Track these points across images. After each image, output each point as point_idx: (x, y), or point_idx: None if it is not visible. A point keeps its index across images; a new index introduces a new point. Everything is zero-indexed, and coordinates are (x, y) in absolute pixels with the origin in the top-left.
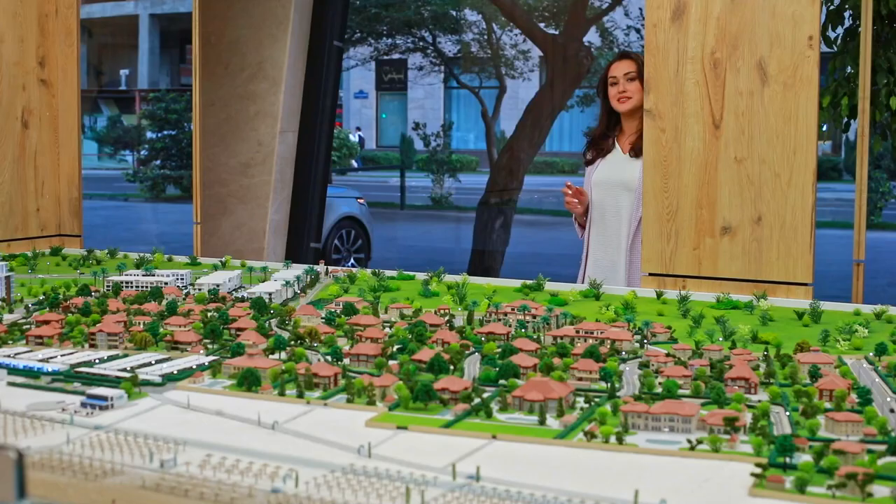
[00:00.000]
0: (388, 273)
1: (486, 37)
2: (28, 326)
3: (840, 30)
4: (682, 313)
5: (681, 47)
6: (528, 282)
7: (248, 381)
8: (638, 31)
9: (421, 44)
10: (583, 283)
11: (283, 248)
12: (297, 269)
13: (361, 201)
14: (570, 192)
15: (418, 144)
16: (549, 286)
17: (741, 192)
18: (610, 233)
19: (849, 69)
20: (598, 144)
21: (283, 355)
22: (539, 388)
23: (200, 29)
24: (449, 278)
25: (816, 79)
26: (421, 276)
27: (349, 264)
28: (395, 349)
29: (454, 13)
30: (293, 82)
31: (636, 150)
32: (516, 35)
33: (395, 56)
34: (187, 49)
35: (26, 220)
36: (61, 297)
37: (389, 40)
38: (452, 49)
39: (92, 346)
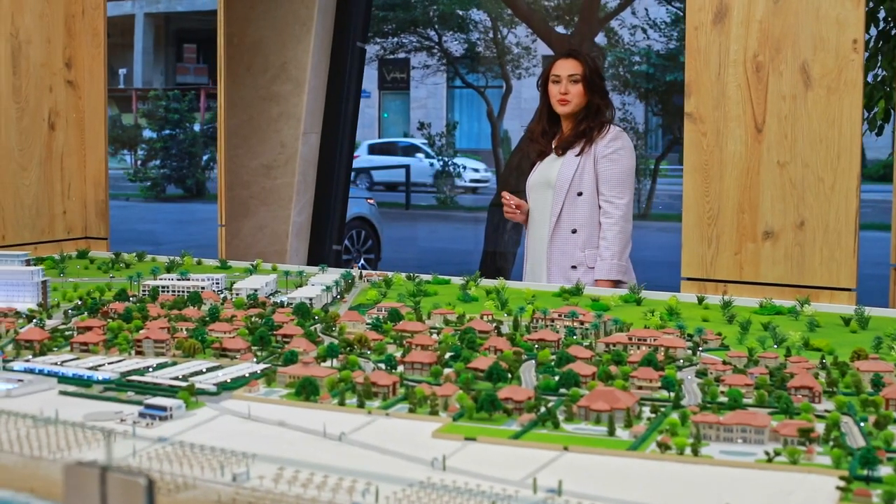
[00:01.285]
0: (424, 277)
1: (491, 36)
2: (70, 333)
3: (874, 31)
4: (727, 319)
5: (722, 50)
6: (567, 287)
7: (307, 391)
8: (644, 30)
9: (427, 43)
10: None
11: (305, 250)
12: (334, 274)
13: (371, 202)
14: (509, 204)
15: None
16: (589, 291)
17: (784, 196)
18: (540, 233)
19: (882, 72)
20: (541, 144)
21: (335, 363)
22: (605, 397)
23: (233, 28)
24: (485, 282)
25: (860, 83)
26: (457, 280)
27: (360, 265)
28: (447, 357)
29: (460, 13)
30: (316, 83)
31: (560, 148)
32: (521, 34)
33: (399, 55)
34: (185, 48)
35: (52, 222)
36: (99, 302)
37: (395, 39)
38: (458, 49)
39: (138, 353)
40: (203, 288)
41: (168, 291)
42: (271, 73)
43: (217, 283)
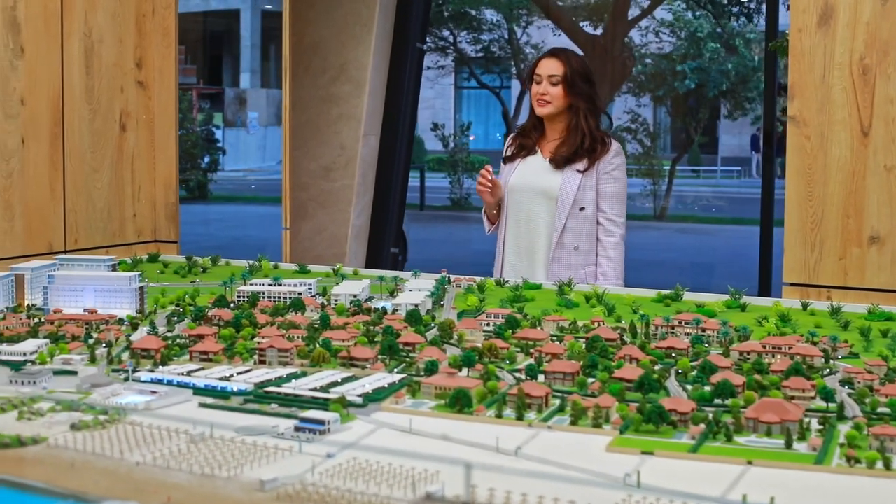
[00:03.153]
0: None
1: (506, 36)
2: (182, 341)
3: None
4: (840, 325)
5: (827, 52)
6: (665, 291)
7: (460, 402)
8: (657, 33)
9: (441, 43)
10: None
11: (363, 252)
12: (428, 279)
13: None
14: (487, 179)
15: (435, 145)
16: (689, 296)
17: (891, 201)
18: (525, 242)
19: None
20: (521, 142)
21: (469, 373)
22: (773, 409)
23: (291, 29)
24: (579, 288)
25: None
26: (549, 285)
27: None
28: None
29: (474, 13)
30: (377, 84)
31: (557, 162)
32: (535, 35)
33: None
34: (179, 49)
35: (123, 225)
36: (202, 308)
37: None
38: (471, 48)
39: (261, 362)
40: (300, 294)
41: (266, 297)
42: (330, 73)
43: (310, 289)
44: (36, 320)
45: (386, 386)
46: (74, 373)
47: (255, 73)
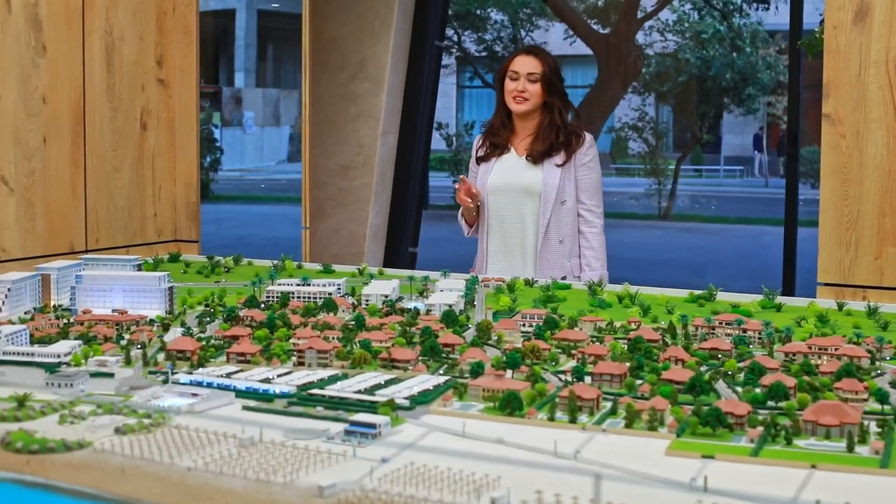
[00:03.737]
0: (540, 281)
1: (510, 36)
2: (216, 342)
3: None
4: (880, 326)
5: (863, 50)
6: (698, 291)
7: (511, 405)
8: (661, 32)
9: (446, 43)
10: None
11: (381, 252)
12: (458, 279)
13: None
14: (467, 191)
15: (438, 144)
16: (722, 296)
17: None
18: (512, 241)
19: None
20: (492, 141)
21: (513, 374)
22: (832, 412)
23: (311, 26)
24: (610, 287)
25: None
26: (579, 285)
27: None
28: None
29: (479, 12)
30: (395, 82)
31: (535, 157)
32: (539, 35)
33: None
34: None
35: (144, 224)
36: (233, 309)
37: None
38: (474, 48)
39: (300, 364)
40: (330, 294)
41: (296, 298)
42: (349, 71)
43: (339, 289)
44: (64, 321)
45: (431, 388)
46: (111, 375)
47: (251, 72)
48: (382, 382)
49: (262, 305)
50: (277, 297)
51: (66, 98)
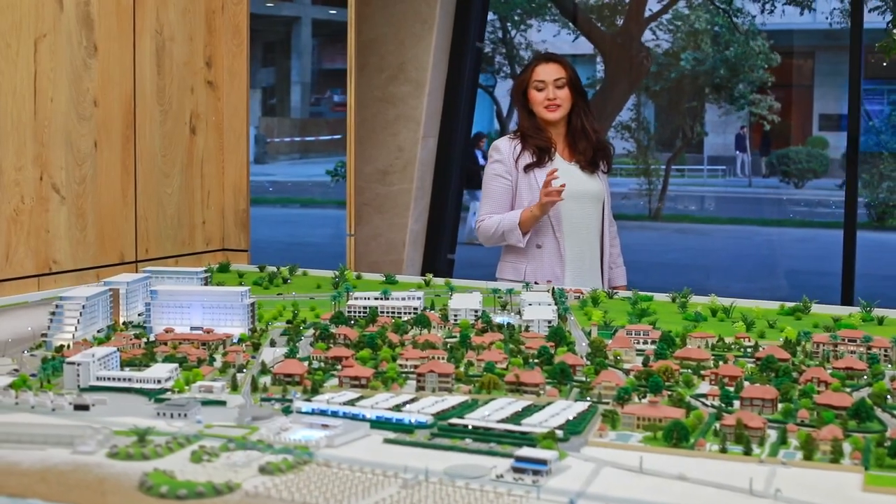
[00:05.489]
0: (622, 294)
1: (501, 36)
2: (319, 364)
3: None
4: None
5: None
6: (790, 304)
7: (678, 435)
8: (653, 31)
9: None
10: None
11: (420, 259)
12: (541, 292)
13: None
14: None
15: None
16: (817, 308)
17: None
18: (585, 247)
19: None
20: (538, 145)
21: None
22: None
23: (357, 26)
24: (695, 299)
25: None
26: (661, 296)
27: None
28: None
29: None
30: (436, 84)
31: (585, 165)
32: (531, 36)
33: None
34: None
35: (193, 233)
36: (325, 326)
37: None
38: None
39: (420, 388)
40: (415, 309)
41: (384, 313)
42: (388, 73)
43: (418, 301)
44: (144, 340)
45: (576, 416)
46: (223, 403)
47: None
48: (521, 410)
49: (352, 322)
50: (362, 313)
51: (116, 101)
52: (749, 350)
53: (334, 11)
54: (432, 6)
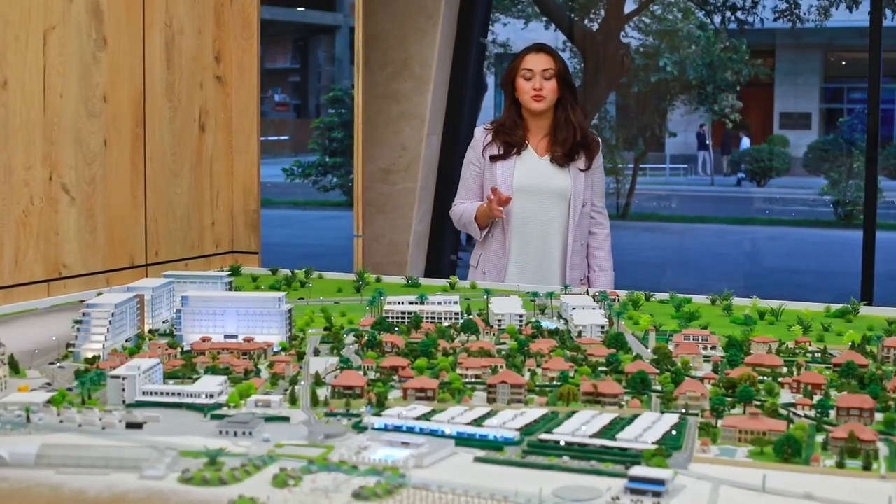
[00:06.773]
0: (660, 296)
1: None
2: (375, 375)
3: None
4: None
5: None
6: (837, 306)
7: (790, 450)
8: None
9: None
10: None
11: (423, 260)
12: (580, 294)
13: None
14: (499, 199)
15: None
16: (865, 310)
17: None
18: (536, 242)
19: None
20: (505, 139)
21: (745, 409)
22: None
23: (364, 22)
24: (737, 301)
25: None
26: (700, 298)
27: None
28: None
29: None
30: (440, 81)
31: (559, 159)
32: (501, 33)
33: None
34: None
35: (202, 235)
36: (373, 334)
37: None
38: None
39: (491, 400)
40: (456, 314)
41: (429, 319)
42: (391, 69)
43: (454, 306)
44: (179, 350)
45: (668, 430)
46: (286, 419)
47: None
48: (609, 423)
49: (397, 329)
50: (404, 319)
51: (126, 97)
52: (817, 355)
53: (278, 10)
54: (438, 1)
